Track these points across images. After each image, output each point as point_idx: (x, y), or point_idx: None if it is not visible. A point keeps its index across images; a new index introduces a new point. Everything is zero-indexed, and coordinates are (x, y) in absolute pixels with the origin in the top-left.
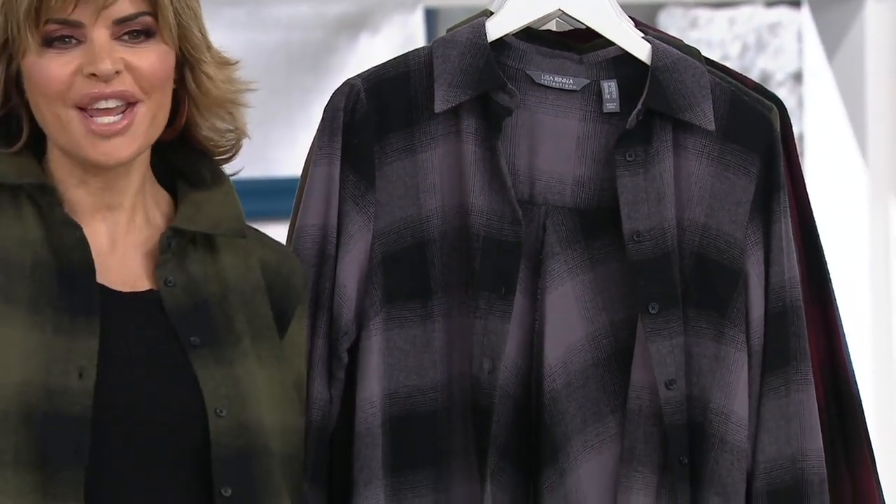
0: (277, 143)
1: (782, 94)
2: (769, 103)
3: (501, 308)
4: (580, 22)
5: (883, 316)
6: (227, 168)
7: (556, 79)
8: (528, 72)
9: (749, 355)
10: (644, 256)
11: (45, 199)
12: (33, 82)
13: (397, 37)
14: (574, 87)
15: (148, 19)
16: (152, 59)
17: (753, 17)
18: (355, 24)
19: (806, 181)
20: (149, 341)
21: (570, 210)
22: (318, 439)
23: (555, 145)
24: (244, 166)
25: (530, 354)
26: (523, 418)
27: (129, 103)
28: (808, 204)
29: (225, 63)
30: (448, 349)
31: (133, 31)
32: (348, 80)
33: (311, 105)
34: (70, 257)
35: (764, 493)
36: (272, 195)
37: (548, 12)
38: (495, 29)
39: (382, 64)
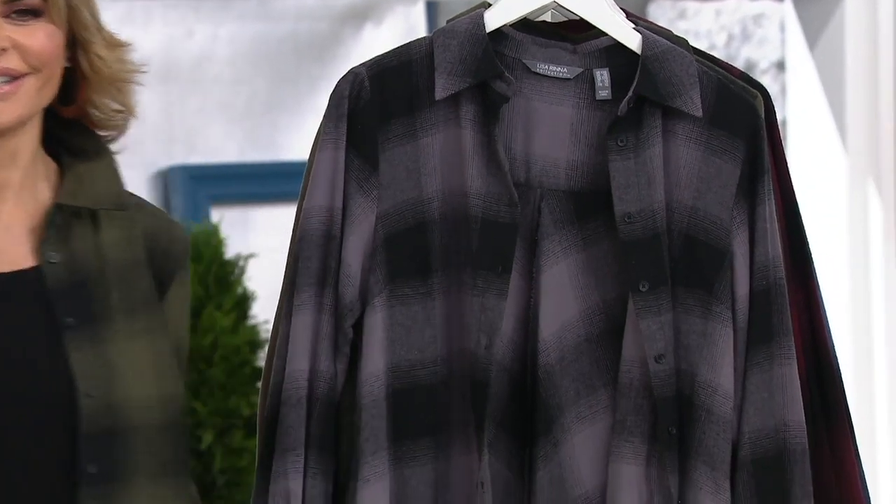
0: (286, 129)
1: (766, 81)
2: (754, 91)
3: (498, 286)
4: (574, 13)
5: (861, 294)
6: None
7: (551, 68)
8: (524, 61)
9: (735, 331)
10: (635, 237)
11: None
12: None
13: (400, 28)
14: (568, 76)
15: (36, 0)
16: (40, 37)
17: (739, 8)
18: (360, 16)
19: (789, 165)
20: (24, 326)
21: (565, 193)
22: (325, 412)
23: (550, 131)
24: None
25: (526, 331)
26: (519, 391)
27: (15, 77)
28: (790, 187)
29: (117, 44)
30: (448, 325)
31: (21, 11)
32: (353, 68)
33: (317, 92)
34: None
35: (749, 461)
36: (281, 178)
37: (543, 4)
38: (493, 20)
39: (385, 53)
